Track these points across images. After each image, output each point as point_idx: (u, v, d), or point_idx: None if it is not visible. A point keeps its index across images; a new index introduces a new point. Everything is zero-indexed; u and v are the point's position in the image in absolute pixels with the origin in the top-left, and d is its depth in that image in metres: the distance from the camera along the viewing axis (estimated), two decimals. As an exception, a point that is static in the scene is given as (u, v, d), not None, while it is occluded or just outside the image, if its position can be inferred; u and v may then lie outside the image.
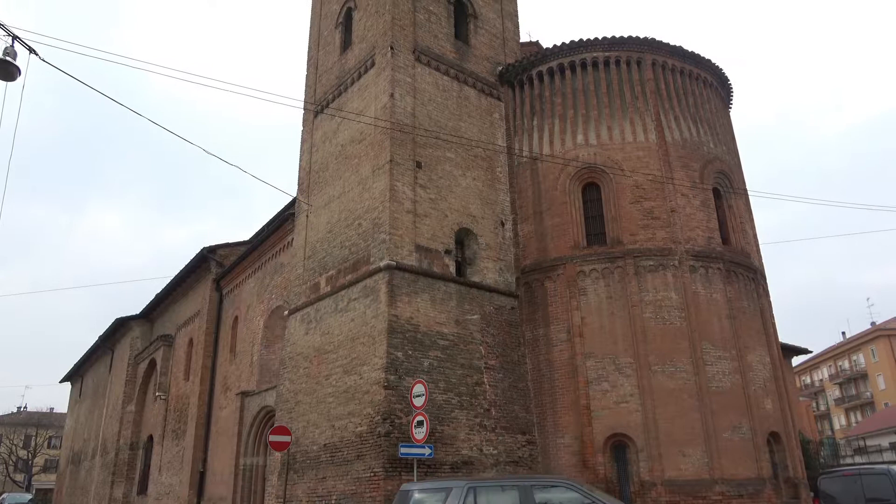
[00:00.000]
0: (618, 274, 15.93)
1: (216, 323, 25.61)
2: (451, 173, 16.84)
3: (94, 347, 38.17)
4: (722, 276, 16.22)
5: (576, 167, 17.09)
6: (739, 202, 18.10)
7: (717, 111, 18.89)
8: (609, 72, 17.87)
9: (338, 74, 18.95)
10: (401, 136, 15.92)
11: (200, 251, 26.08)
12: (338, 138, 18.15)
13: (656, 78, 17.83)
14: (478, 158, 17.67)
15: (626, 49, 17.97)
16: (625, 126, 17.23)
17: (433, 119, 16.99)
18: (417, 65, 17.20)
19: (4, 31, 9.63)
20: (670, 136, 17.23)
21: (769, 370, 16.44)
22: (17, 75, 9.84)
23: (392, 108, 16.11)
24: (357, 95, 17.74)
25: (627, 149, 17.02)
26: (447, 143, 16.93)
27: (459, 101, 17.91)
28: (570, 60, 18.14)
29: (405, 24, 17.36)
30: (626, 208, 16.46)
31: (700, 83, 18.65)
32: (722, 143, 18.42)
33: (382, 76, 16.72)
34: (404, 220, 15.34)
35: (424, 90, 17.12)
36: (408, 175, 15.79)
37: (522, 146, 18.12)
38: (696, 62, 18.65)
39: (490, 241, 17.06)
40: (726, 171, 18.05)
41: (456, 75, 18.04)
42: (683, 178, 16.83)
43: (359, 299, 15.33)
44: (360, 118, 16.84)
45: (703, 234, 16.48)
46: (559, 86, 18.11)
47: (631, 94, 17.57)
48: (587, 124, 17.44)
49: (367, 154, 16.57)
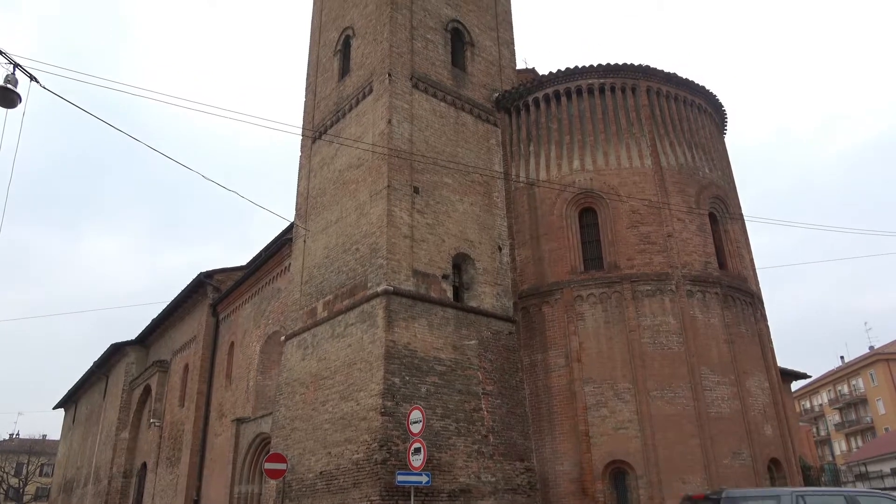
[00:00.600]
0: (615, 299, 15.92)
1: (212, 348, 25.45)
2: (448, 198, 16.91)
3: (89, 373, 37.85)
4: (719, 301, 16.22)
5: (572, 192, 17.18)
6: (735, 227, 18.18)
7: (711, 136, 19.07)
8: (604, 98, 18.08)
9: (336, 101, 19.12)
10: (398, 162, 16.01)
11: (197, 276, 26.04)
12: (336, 164, 18.25)
13: (651, 104, 18.03)
14: (475, 184, 17.77)
15: (621, 76, 18.19)
16: (620, 152, 17.37)
17: (430, 145, 17.11)
18: (415, 91, 17.38)
19: (6, 59, 9.73)
20: (666, 162, 17.36)
21: (768, 395, 16.36)
22: (17, 102, 9.91)
23: (390, 134, 16.23)
24: (355, 121, 17.88)
25: (623, 174, 17.13)
26: (444, 169, 17.03)
27: (457, 127, 18.06)
28: (565, 87, 18.34)
29: (403, 51, 17.57)
30: (623, 233, 16.52)
31: (694, 109, 18.85)
32: (717, 168, 18.57)
33: (380, 102, 16.87)
34: (402, 245, 15.36)
35: (422, 116, 17.27)
36: (405, 200, 15.85)
37: (519, 172, 18.24)
38: (690, 89, 18.87)
39: (487, 266, 17.07)
40: (722, 195, 18.16)
41: (453, 102, 18.22)
42: (679, 202, 16.92)
43: (356, 324, 15.27)
44: (358, 144, 16.96)
45: (699, 259, 16.52)
46: (555, 112, 18.29)
47: (626, 120, 17.75)
48: (583, 150, 17.58)
49: (364, 179, 16.65)
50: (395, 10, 17.92)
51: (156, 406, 28.52)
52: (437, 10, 19.15)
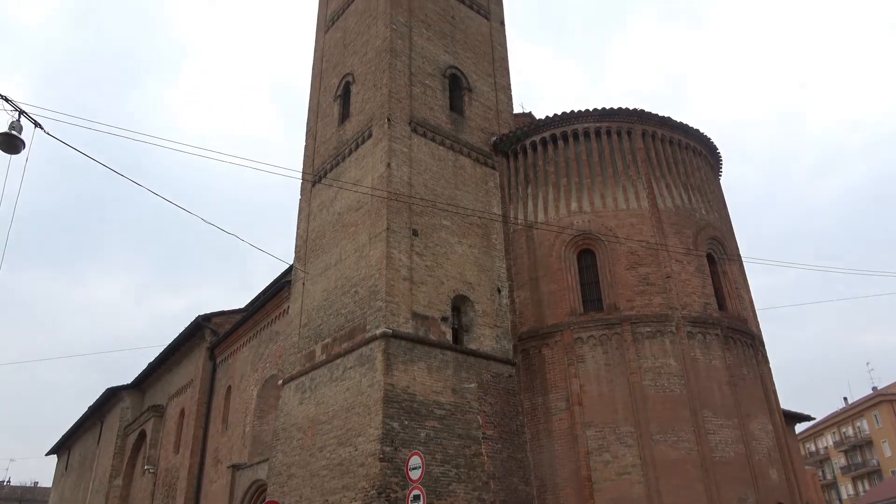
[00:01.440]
0: (615, 341, 15.84)
1: (209, 393, 25.15)
2: (447, 241, 16.98)
3: (84, 418, 37.28)
4: (720, 343, 16.14)
5: (570, 234, 17.26)
6: (734, 268, 18.22)
7: (707, 179, 19.28)
8: (600, 141, 18.33)
9: (336, 145, 19.37)
10: (397, 205, 16.13)
11: (195, 319, 25.91)
12: (335, 206, 18.38)
13: (646, 147, 18.28)
14: (473, 226, 17.86)
15: (617, 120, 18.49)
16: (617, 194, 17.53)
17: (429, 188, 17.27)
18: (414, 136, 17.63)
19: (12, 106, 9.88)
20: (662, 204, 17.50)
21: (772, 438, 16.13)
22: (21, 149, 10.04)
23: (389, 177, 16.40)
24: (355, 165, 18.08)
25: (621, 216, 17.25)
26: (443, 212, 17.14)
27: (455, 170, 18.26)
28: (562, 131, 18.62)
29: (402, 96, 17.89)
30: (622, 274, 16.54)
31: (689, 152, 19.10)
32: (714, 209, 18.71)
33: (380, 146, 17.10)
34: (401, 287, 15.35)
35: (420, 160, 17.48)
36: (404, 243, 15.91)
37: (517, 214, 18.36)
38: (684, 132, 19.16)
39: (487, 308, 17.03)
40: (719, 237, 18.25)
41: (451, 145, 18.46)
42: (677, 244, 16.99)
43: (354, 368, 15.14)
44: (358, 187, 17.11)
45: (699, 300, 16.50)
46: (552, 155, 18.52)
47: (622, 163, 17.96)
48: (580, 192, 17.74)
49: (363, 222, 16.75)
50: (395, 58, 18.33)
51: (150, 452, 28.00)
52: (435, 57, 19.58)
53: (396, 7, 19.23)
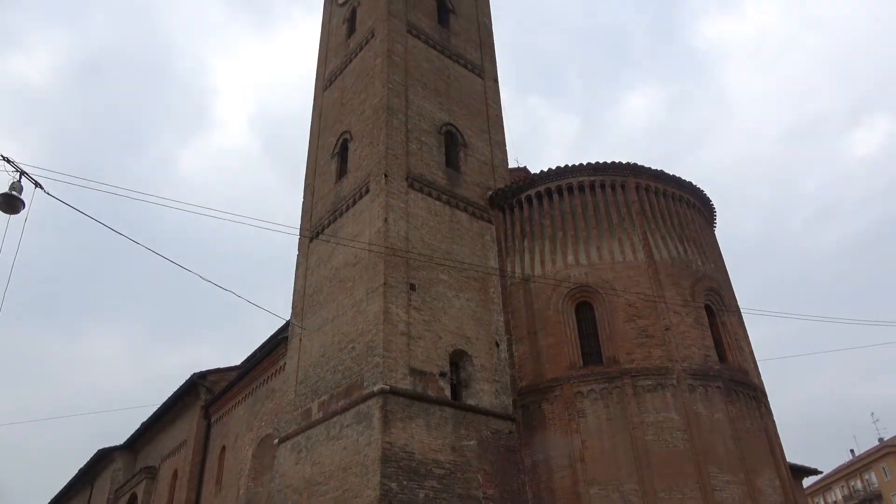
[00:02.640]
0: (616, 394, 15.63)
1: (202, 453, 24.58)
2: (444, 295, 16.94)
3: (74, 481, 36.21)
4: (722, 396, 15.93)
5: (568, 287, 17.26)
6: (732, 319, 18.15)
7: (702, 230, 19.42)
8: (595, 195, 18.54)
9: (333, 201, 19.56)
10: (394, 260, 16.17)
11: (190, 377, 25.55)
12: (332, 262, 18.40)
13: (641, 200, 18.48)
14: (471, 280, 17.86)
15: (610, 174, 18.75)
16: (613, 246, 17.62)
17: (426, 242, 17.35)
18: (411, 191, 17.83)
19: (13, 167, 10.00)
20: (658, 255, 17.57)
21: (780, 494, 15.73)
22: (20, 208, 10.11)
23: (386, 232, 16.50)
24: (352, 220, 18.21)
25: (617, 268, 17.29)
26: (440, 266, 17.18)
27: (451, 224, 18.39)
28: (556, 185, 18.85)
29: (399, 153, 18.18)
30: (621, 327, 16.45)
31: (683, 204, 19.30)
32: (710, 260, 18.78)
33: (377, 202, 17.26)
34: (398, 342, 15.23)
35: (417, 215, 17.63)
36: (402, 297, 15.87)
37: (514, 267, 18.40)
38: (678, 185, 19.41)
39: (485, 362, 16.86)
40: (716, 288, 18.25)
41: (448, 200, 18.65)
42: (675, 295, 16.98)
43: (351, 426, 14.86)
44: (355, 243, 17.18)
45: (699, 352, 16.37)
46: (548, 209, 18.69)
47: (618, 216, 18.12)
48: (577, 245, 17.83)
49: (361, 277, 16.74)
50: (392, 115, 18.71)
51: (141, 516, 27.14)
52: (431, 114, 20.00)
53: (393, 67, 19.75)
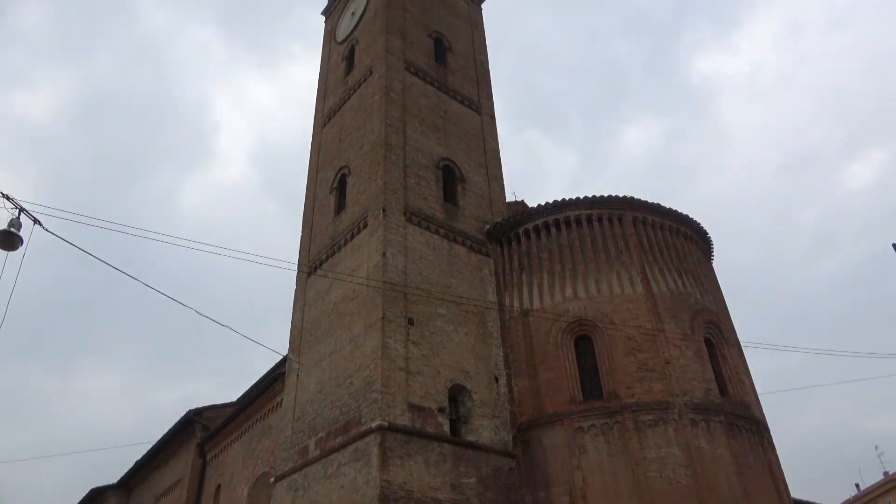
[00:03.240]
0: (617, 430, 15.44)
1: (197, 492, 24.14)
2: (443, 329, 16.86)
3: (64, 522, 35.49)
4: (724, 430, 15.74)
5: (567, 321, 17.19)
6: (733, 352, 18.05)
7: (699, 263, 19.45)
8: (592, 228, 18.61)
9: (332, 235, 19.59)
10: (393, 294, 16.13)
11: (186, 414, 25.25)
12: (330, 296, 18.35)
13: (638, 233, 18.54)
14: (469, 314, 17.80)
15: (607, 207, 18.85)
16: (612, 279, 17.61)
17: (424, 276, 17.33)
18: (409, 225, 17.88)
19: (13, 203, 10.03)
20: (657, 288, 17.56)
21: (786, 532, 15.45)
22: (18, 245, 10.11)
23: (384, 266, 16.49)
24: (350, 255, 18.22)
25: (616, 301, 17.25)
26: (439, 300, 17.13)
27: (450, 258, 18.40)
28: (554, 218, 18.93)
29: (397, 188, 18.29)
30: (621, 360, 16.34)
31: (681, 236, 19.37)
32: (708, 293, 18.76)
33: (375, 236, 17.30)
34: (397, 377, 15.09)
35: (415, 249, 17.65)
36: (400, 332, 15.79)
37: (513, 301, 18.35)
38: (674, 218, 19.50)
39: (485, 397, 16.68)
40: (715, 321, 18.20)
41: (446, 234, 18.70)
42: (674, 328, 16.91)
43: (349, 464, 14.62)
44: (353, 278, 17.16)
45: (700, 386, 16.24)
46: (545, 242, 18.73)
47: (615, 249, 18.16)
48: (575, 278, 17.82)
49: (359, 312, 16.68)
50: (389, 151, 18.88)
51: (133, 558, 26.52)
52: (428, 149, 20.19)
53: (391, 103, 20.01)
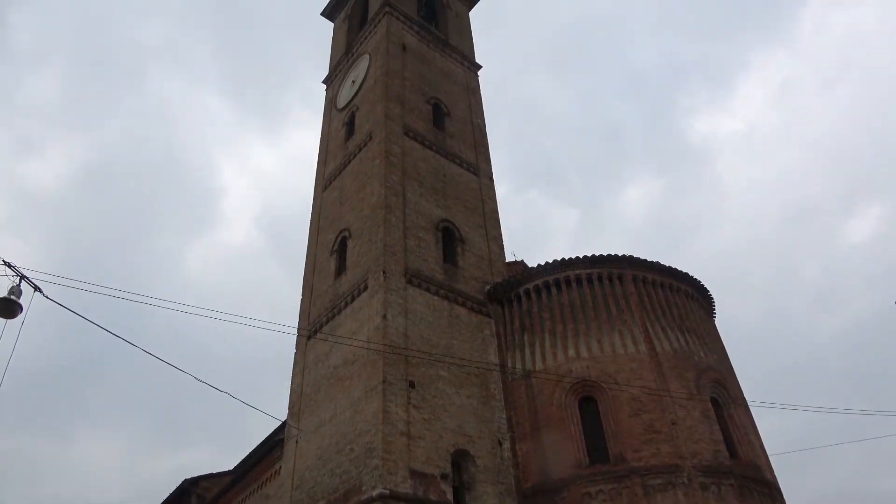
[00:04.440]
0: (626, 495, 14.97)
1: (191, 567, 23.24)
2: (444, 392, 16.60)
3: None
4: (736, 494, 15.26)
5: (570, 381, 16.95)
6: (740, 411, 17.72)
7: (702, 321, 19.33)
8: (593, 287, 18.59)
9: (332, 298, 19.56)
10: (393, 357, 15.97)
11: (181, 483, 24.60)
12: (331, 360, 18.15)
13: (639, 291, 18.51)
14: (471, 376, 17.56)
15: (607, 266, 18.89)
16: (614, 338, 17.47)
17: (425, 338, 17.20)
18: (409, 287, 17.87)
19: (14, 271, 10.05)
20: (660, 347, 17.39)
21: None
22: (18, 313, 10.06)
23: (385, 328, 16.39)
24: (350, 317, 18.13)
25: (620, 361, 17.06)
26: (440, 362, 16.94)
27: (450, 319, 18.30)
28: (554, 278, 18.94)
29: (397, 250, 18.38)
30: (626, 422, 16.02)
31: (682, 295, 19.32)
32: (712, 351, 18.57)
33: (375, 298, 17.26)
34: (398, 443, 14.75)
35: (416, 310, 17.58)
36: (401, 395, 15.54)
37: (515, 362, 18.15)
38: (674, 275, 19.51)
39: (488, 462, 16.26)
40: (721, 379, 17.94)
41: (446, 295, 18.67)
42: (679, 388, 16.65)
43: (349, 535, 14.12)
44: (354, 341, 17.02)
45: (708, 448, 15.85)
46: (546, 302, 18.68)
47: (616, 308, 18.08)
48: (577, 338, 17.68)
49: (359, 375, 16.46)
50: (390, 213, 19.08)
51: None
52: (428, 211, 20.40)
53: (391, 167, 20.36)
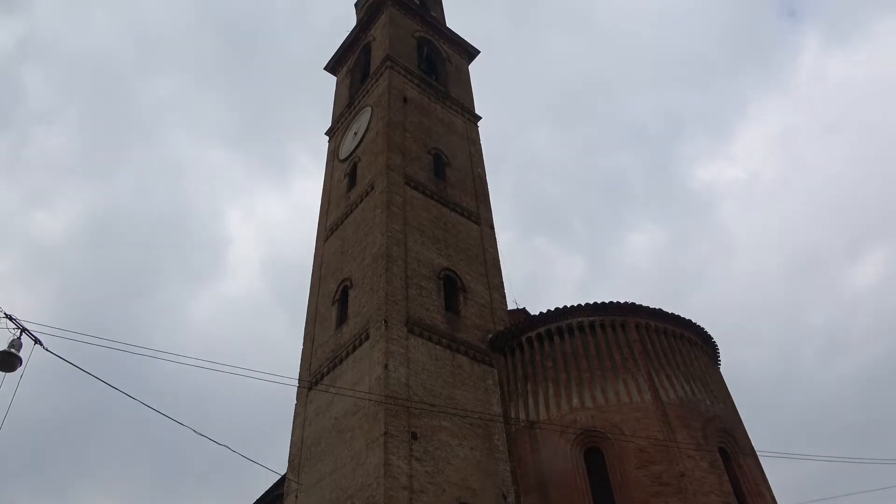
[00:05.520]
0: (635, 550, 14.54)
1: None
2: (447, 443, 16.31)
3: None
4: (748, 548, 14.83)
5: (575, 432, 16.66)
6: (749, 462, 17.35)
7: (706, 368, 19.13)
8: (596, 335, 18.46)
9: (333, 348, 19.44)
10: (395, 408, 15.75)
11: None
12: (332, 411, 17.92)
13: (642, 339, 18.37)
14: (474, 426, 17.29)
15: (609, 314, 18.80)
16: (619, 387, 17.25)
17: (427, 388, 17.01)
18: (411, 336, 17.78)
19: (14, 324, 10.02)
20: (665, 396, 17.15)
21: None
22: (18, 366, 9.99)
23: (386, 378, 16.22)
24: (352, 368, 17.98)
25: (625, 410, 16.80)
26: (442, 413, 16.70)
27: (453, 369, 18.14)
28: (556, 326, 18.83)
29: (398, 299, 18.36)
30: (633, 473, 15.67)
31: (685, 342, 19.18)
32: (718, 400, 18.31)
33: (377, 348, 17.15)
34: (400, 497, 14.41)
35: (418, 360, 17.44)
36: (403, 447, 15.27)
37: (518, 412, 17.88)
38: (677, 322, 19.40)
39: (492, 517, 15.85)
40: (729, 429, 17.63)
41: (448, 344, 18.55)
42: (686, 438, 16.35)
43: None
44: (355, 391, 16.83)
45: (718, 500, 15.44)
46: (549, 350, 18.53)
47: (620, 356, 17.92)
48: (581, 387, 17.47)
49: (361, 427, 16.22)
50: (391, 262, 19.14)
51: None
52: (429, 260, 20.47)
53: (392, 217, 20.53)
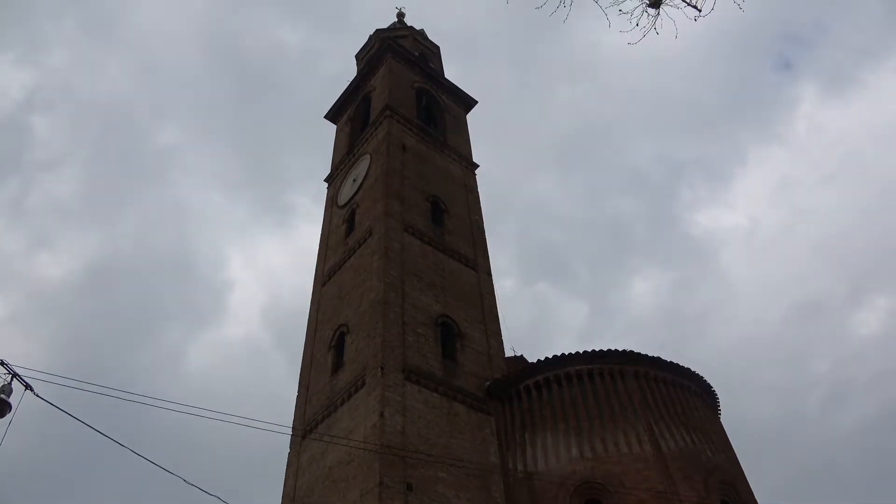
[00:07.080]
0: None
1: None
2: (444, 495, 15.92)
3: None
4: None
5: (574, 483, 16.29)
6: (752, 515, 16.96)
7: (707, 418, 18.87)
8: (594, 383, 18.26)
9: (328, 395, 19.17)
10: (390, 458, 15.44)
11: None
12: (326, 460, 17.54)
13: (641, 388, 18.17)
14: (471, 477, 16.91)
15: (607, 362, 18.64)
16: (618, 437, 16.97)
17: (423, 437, 16.71)
18: (407, 384, 17.55)
19: (6, 369, 9.88)
20: (665, 446, 16.87)
21: None
22: (7, 412, 9.81)
23: (382, 427, 15.95)
24: (347, 415, 17.70)
25: (625, 461, 16.49)
26: (439, 463, 16.36)
27: (450, 417, 17.86)
28: (554, 374, 18.64)
29: (395, 345, 18.21)
30: (634, 527, 15.27)
31: (685, 391, 18.96)
32: (720, 450, 18.01)
33: (373, 395, 16.92)
34: (394, 551, 13.99)
35: (414, 408, 17.18)
36: (398, 499, 14.89)
37: (517, 462, 17.53)
38: (676, 371, 19.22)
39: (489, 572, 15.36)
40: (730, 480, 17.28)
41: (445, 392, 18.30)
42: (688, 490, 15.99)
43: None
44: (349, 440, 16.52)
45: (721, 555, 15.04)
46: (547, 399, 18.30)
47: (619, 405, 17.69)
48: (580, 437, 17.18)
49: (355, 477, 15.85)
50: (388, 309, 19.05)
51: None
52: (426, 307, 20.38)
53: (389, 263, 20.54)
